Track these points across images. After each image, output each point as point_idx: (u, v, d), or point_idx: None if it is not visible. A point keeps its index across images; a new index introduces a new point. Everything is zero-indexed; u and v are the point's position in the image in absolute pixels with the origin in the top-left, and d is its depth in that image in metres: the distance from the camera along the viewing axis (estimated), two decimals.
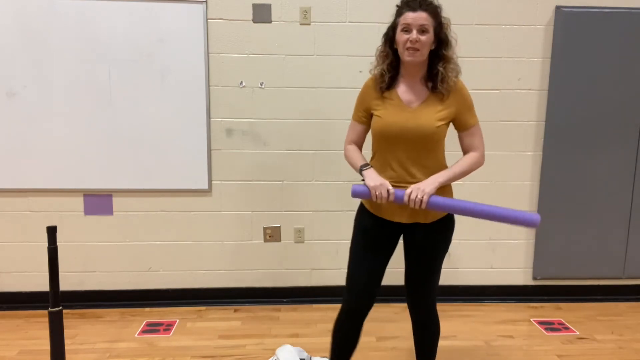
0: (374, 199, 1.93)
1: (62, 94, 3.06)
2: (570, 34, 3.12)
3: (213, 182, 3.23)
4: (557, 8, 3.12)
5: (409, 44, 1.88)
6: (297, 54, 3.12)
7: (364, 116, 2.08)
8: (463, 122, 2.01)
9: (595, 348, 2.83)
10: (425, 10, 1.89)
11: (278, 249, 3.32)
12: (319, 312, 3.24)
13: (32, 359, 2.65)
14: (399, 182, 1.97)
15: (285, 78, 3.14)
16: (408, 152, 1.96)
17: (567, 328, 3.05)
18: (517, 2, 3.14)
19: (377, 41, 1.99)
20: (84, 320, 3.10)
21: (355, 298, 2.10)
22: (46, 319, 2.22)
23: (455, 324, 3.08)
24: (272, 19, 3.09)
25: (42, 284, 3.11)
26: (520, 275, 3.44)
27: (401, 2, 1.96)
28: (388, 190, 1.90)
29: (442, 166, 2.03)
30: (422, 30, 1.88)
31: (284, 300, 3.35)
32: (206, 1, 3.04)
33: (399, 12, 1.94)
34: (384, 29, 2.03)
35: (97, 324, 3.05)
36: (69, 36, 3.01)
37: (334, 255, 3.34)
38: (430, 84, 1.97)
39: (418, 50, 1.89)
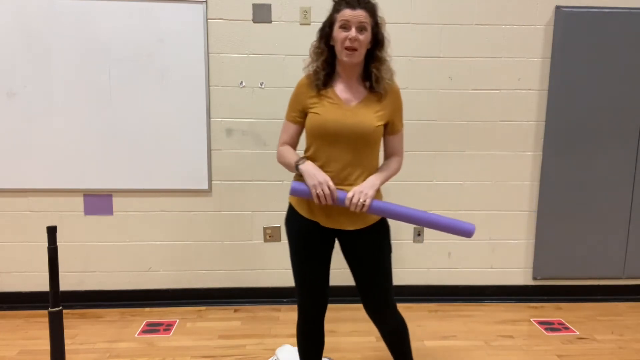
0: (315, 200, 1.84)
1: (62, 94, 3.06)
2: (570, 34, 3.12)
3: (213, 182, 3.23)
4: (557, 8, 3.12)
5: (347, 43, 1.83)
6: (297, 54, 3.12)
7: (299, 116, 2.00)
8: (394, 126, 1.99)
9: (595, 348, 2.83)
10: (364, 8, 1.85)
11: (278, 249, 3.32)
12: None
13: (32, 359, 2.65)
14: (336, 183, 1.89)
15: (285, 78, 3.14)
16: (346, 151, 1.90)
17: (567, 328, 3.05)
18: (517, 2, 3.14)
19: None
20: (84, 320, 3.10)
21: (308, 303, 2.10)
22: (46, 319, 2.22)
23: (455, 324, 3.08)
24: (272, 19, 3.09)
25: (42, 284, 3.11)
26: (520, 275, 3.44)
27: None
28: (330, 188, 1.82)
29: (376, 168, 1.99)
30: (361, 29, 1.84)
31: (284, 300, 3.36)
32: (206, 1, 3.04)
33: (337, 9, 1.88)
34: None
35: (97, 324, 3.05)
36: (69, 36, 3.01)
37: (333, 255, 3.32)
38: (367, 84, 1.93)
39: (356, 50, 1.84)
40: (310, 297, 2.09)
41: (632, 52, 3.16)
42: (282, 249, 3.33)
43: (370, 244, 2.00)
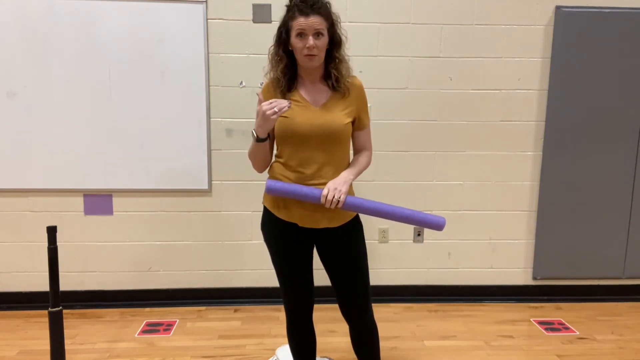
0: (270, 115, 1.75)
1: (62, 94, 3.06)
2: (570, 34, 3.12)
3: (213, 182, 3.23)
4: (557, 8, 3.12)
5: (306, 51, 1.83)
6: None
7: None
8: (361, 121, 2.01)
9: (595, 348, 2.83)
10: (317, 13, 1.83)
11: None
12: (318, 312, 3.20)
13: (32, 359, 2.65)
14: (313, 184, 1.91)
15: None
16: (318, 151, 1.91)
17: (567, 328, 3.05)
18: (517, 2, 3.14)
19: (377, 41, 1.99)
20: (84, 320, 3.10)
21: (294, 305, 2.11)
22: (46, 319, 2.22)
23: (455, 324, 3.08)
24: (272, 19, 3.09)
25: (42, 284, 3.11)
26: (520, 275, 3.44)
27: (291, 2, 1.88)
28: (270, 103, 1.76)
29: (348, 164, 2.01)
30: (317, 34, 1.83)
31: None
32: (206, 1, 3.04)
33: (291, 15, 1.86)
34: (384, 28, 2.02)
35: (97, 324, 3.05)
36: (69, 36, 3.01)
37: None
38: (330, 83, 1.94)
39: (316, 55, 1.85)
40: (295, 299, 2.10)
41: (632, 52, 3.16)
42: None
43: (347, 242, 2.01)
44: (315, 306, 3.30)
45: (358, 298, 2.06)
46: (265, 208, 2.08)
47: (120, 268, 3.29)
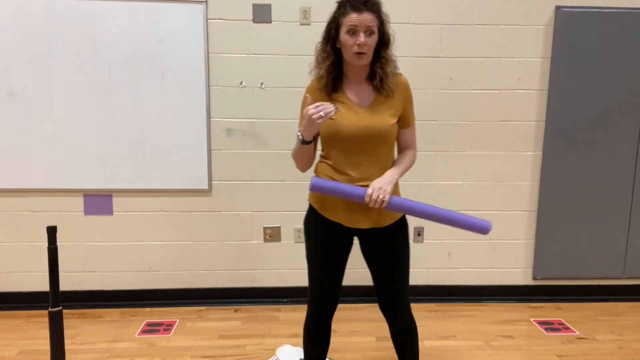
0: (316, 119, 1.75)
1: (62, 94, 3.06)
2: (570, 34, 3.12)
3: (213, 182, 3.23)
4: (557, 8, 3.12)
5: (356, 49, 1.81)
6: (297, 54, 3.12)
7: None
8: (405, 119, 1.98)
9: (595, 348, 2.83)
10: (370, 10, 1.81)
11: (278, 249, 3.32)
12: None
13: (32, 359, 2.65)
14: (358, 185, 1.90)
15: (285, 78, 3.14)
16: (364, 153, 1.90)
17: (567, 328, 3.05)
18: (517, 2, 3.14)
19: None
20: (84, 320, 3.10)
21: (320, 305, 2.10)
22: (46, 319, 2.22)
23: (455, 324, 3.08)
24: (272, 19, 3.09)
25: (42, 284, 3.11)
26: (520, 275, 3.44)
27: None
28: (316, 107, 1.75)
29: (392, 161, 2.01)
30: (369, 32, 1.81)
31: (284, 300, 3.35)
32: (206, 1, 3.05)
33: (342, 12, 1.84)
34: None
35: (97, 324, 3.05)
36: (69, 36, 3.01)
37: None
38: (375, 83, 1.91)
39: (365, 53, 1.83)
40: (323, 297, 2.09)
41: (632, 52, 3.16)
42: (282, 249, 3.33)
43: (389, 243, 2.01)
44: None
45: (397, 298, 2.07)
46: (310, 206, 2.07)
47: (120, 268, 3.29)
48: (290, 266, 3.35)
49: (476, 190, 3.32)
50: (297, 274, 3.36)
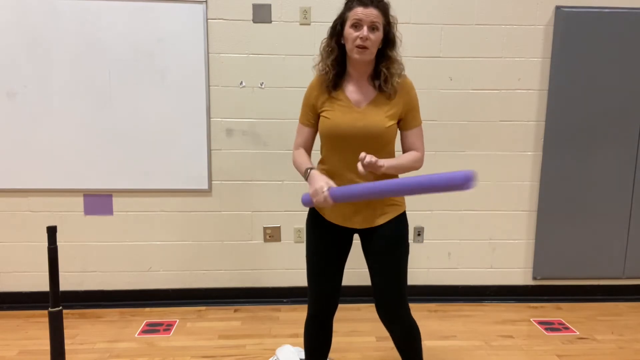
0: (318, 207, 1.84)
1: (62, 94, 3.06)
2: (570, 34, 3.12)
3: (213, 182, 3.23)
4: (557, 8, 3.12)
5: (359, 42, 1.81)
6: (297, 54, 3.12)
7: (312, 118, 1.99)
8: (406, 122, 1.95)
9: (595, 348, 2.83)
10: (376, 7, 1.83)
11: (278, 249, 3.32)
12: None
13: (32, 359, 2.65)
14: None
15: (285, 78, 3.15)
16: (356, 151, 1.83)
17: (567, 328, 3.05)
18: (517, 2, 3.14)
19: None
20: (84, 320, 3.10)
21: (320, 304, 2.09)
22: (46, 319, 2.22)
23: (455, 324, 3.08)
24: (272, 19, 3.09)
25: (42, 284, 3.11)
26: (520, 275, 3.44)
27: None
28: (324, 195, 1.76)
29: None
30: (373, 28, 1.82)
31: (284, 300, 3.36)
32: (206, 1, 3.05)
33: (349, 6, 1.87)
34: None
35: (97, 324, 3.05)
36: (69, 36, 3.01)
37: None
38: (377, 83, 1.90)
39: (367, 48, 1.82)
40: (322, 296, 2.09)
41: (632, 52, 3.16)
42: (282, 249, 3.33)
43: (384, 244, 1.99)
44: None
45: (392, 301, 2.03)
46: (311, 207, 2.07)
47: (120, 268, 3.29)
48: (290, 266, 3.35)
49: (476, 190, 3.31)
50: (297, 274, 3.36)
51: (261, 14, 3.08)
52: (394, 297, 2.02)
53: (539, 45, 3.19)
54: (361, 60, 1.87)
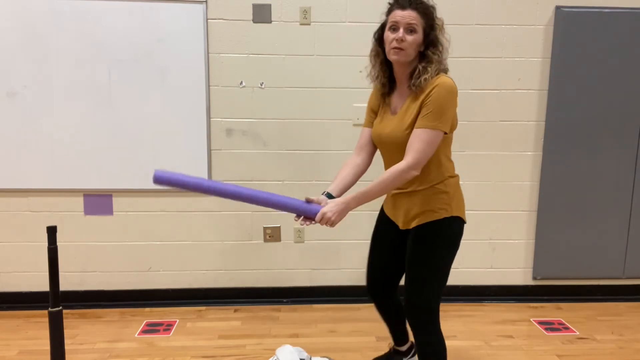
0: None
1: (62, 94, 3.06)
2: (570, 34, 3.12)
3: None
4: (557, 8, 3.12)
5: (394, 43, 1.81)
6: (297, 54, 3.12)
7: (371, 120, 2.08)
8: (418, 120, 1.84)
9: (595, 348, 2.83)
10: (415, 8, 1.83)
11: (278, 249, 3.32)
12: (319, 312, 3.24)
13: (32, 359, 2.65)
14: (394, 191, 2.02)
15: (285, 78, 3.15)
16: (394, 160, 1.89)
17: (567, 328, 3.05)
18: (517, 2, 3.14)
19: None
20: (84, 320, 3.10)
21: (369, 277, 2.26)
22: (46, 319, 2.22)
23: (455, 324, 3.08)
24: (272, 19, 3.09)
25: (42, 284, 3.11)
26: (520, 275, 3.44)
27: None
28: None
29: (429, 171, 1.90)
30: (410, 30, 1.82)
31: (284, 300, 3.36)
32: (206, 1, 3.04)
33: (389, 10, 1.90)
34: None
35: (97, 324, 3.05)
36: (69, 36, 3.01)
37: (334, 255, 3.34)
38: (410, 83, 1.87)
39: (403, 49, 1.82)
40: (369, 269, 2.25)
41: (632, 52, 3.16)
42: (282, 249, 3.33)
43: (412, 246, 2.00)
44: (316, 306, 3.32)
45: (407, 307, 2.03)
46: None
47: (120, 268, 3.29)
48: (290, 266, 3.35)
49: (476, 190, 3.32)
50: (297, 274, 3.36)
51: (261, 14, 3.08)
52: (410, 305, 2.02)
53: (539, 45, 3.19)
54: (398, 62, 1.86)
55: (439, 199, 1.93)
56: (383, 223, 2.17)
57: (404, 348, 2.47)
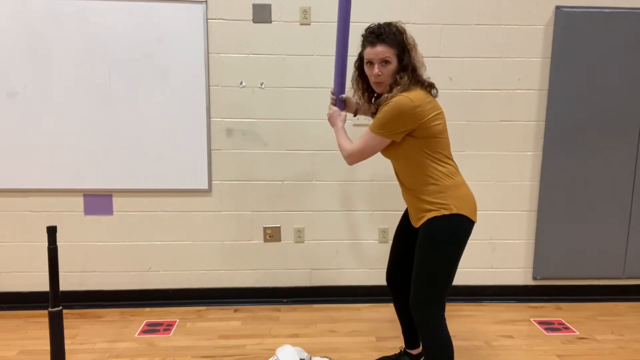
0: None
1: (62, 94, 3.06)
2: (570, 34, 3.12)
3: (213, 182, 3.23)
4: (557, 8, 3.12)
5: (373, 79, 2.03)
6: (297, 54, 3.12)
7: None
8: None
9: (595, 348, 2.83)
10: (383, 42, 1.97)
11: (278, 249, 3.32)
12: (319, 312, 3.24)
13: (32, 359, 2.65)
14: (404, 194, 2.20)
15: (285, 78, 3.15)
16: (395, 170, 2.21)
17: (567, 328, 3.05)
18: (517, 2, 3.14)
19: None
20: (84, 320, 3.10)
21: (389, 270, 2.41)
22: (46, 319, 2.22)
23: (455, 324, 3.08)
24: (272, 19, 3.09)
25: (42, 284, 3.11)
26: (520, 275, 3.44)
27: (364, 33, 2.04)
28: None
29: (418, 173, 2.06)
30: (384, 62, 1.98)
31: (284, 300, 3.36)
32: (206, 1, 3.05)
33: (363, 45, 2.05)
34: None
35: (97, 324, 3.05)
36: (69, 36, 3.01)
37: (333, 255, 3.34)
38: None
39: (382, 82, 2.01)
40: (389, 264, 2.41)
41: (632, 52, 3.16)
42: (282, 249, 3.33)
43: (418, 242, 2.10)
44: (316, 306, 3.32)
45: (412, 303, 2.11)
46: None
47: (120, 268, 3.29)
48: (290, 266, 3.35)
49: (476, 190, 3.28)
50: (297, 274, 3.36)
51: (261, 14, 3.08)
52: (412, 300, 2.11)
53: (539, 45, 3.19)
54: (380, 92, 2.06)
55: (436, 198, 2.05)
56: (405, 219, 2.31)
57: (415, 352, 2.52)
